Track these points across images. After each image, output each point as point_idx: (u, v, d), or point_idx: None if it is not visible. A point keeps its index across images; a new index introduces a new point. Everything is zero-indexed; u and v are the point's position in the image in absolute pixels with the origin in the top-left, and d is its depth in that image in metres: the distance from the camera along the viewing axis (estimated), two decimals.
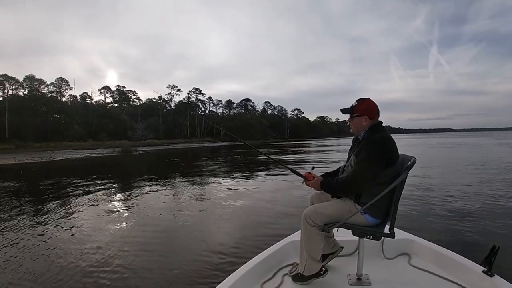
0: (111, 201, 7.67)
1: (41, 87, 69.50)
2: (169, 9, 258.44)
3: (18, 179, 12.57)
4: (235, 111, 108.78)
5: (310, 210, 2.12)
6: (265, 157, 19.98)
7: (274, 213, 6.11)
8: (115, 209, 6.81)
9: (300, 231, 2.19)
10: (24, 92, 67.41)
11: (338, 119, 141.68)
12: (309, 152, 28.27)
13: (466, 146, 28.26)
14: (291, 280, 2.21)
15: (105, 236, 4.88)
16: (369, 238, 2.02)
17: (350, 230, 2.07)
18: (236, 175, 12.53)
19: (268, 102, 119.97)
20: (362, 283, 2.13)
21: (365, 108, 2.12)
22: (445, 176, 10.15)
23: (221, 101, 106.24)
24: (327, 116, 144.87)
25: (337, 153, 24.42)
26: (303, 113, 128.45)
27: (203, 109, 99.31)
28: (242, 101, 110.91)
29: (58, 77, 73.66)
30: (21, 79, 66.66)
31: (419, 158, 1.99)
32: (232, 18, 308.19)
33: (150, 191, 8.96)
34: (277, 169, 13.37)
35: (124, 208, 6.92)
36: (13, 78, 65.43)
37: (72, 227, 5.43)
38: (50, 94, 70.83)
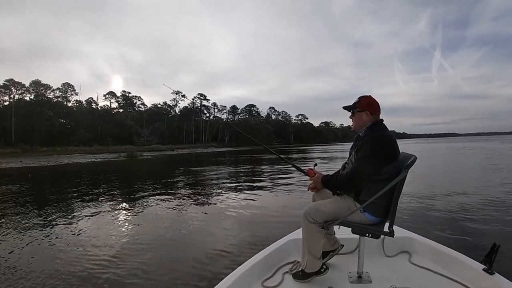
0: (117, 205, 7.70)
1: (47, 92, 70.43)
2: (174, 14, 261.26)
3: (26, 183, 12.68)
4: (239, 117, 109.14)
5: (310, 207, 2.14)
6: (270, 159, 20.13)
7: (278, 212, 6.13)
8: (121, 212, 6.84)
9: (301, 228, 2.20)
10: (30, 97, 68.34)
11: (343, 125, 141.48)
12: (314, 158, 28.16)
13: (482, 151, 27.68)
14: (291, 278, 2.22)
15: (111, 237, 4.91)
16: (368, 236, 2.03)
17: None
18: (242, 177, 12.56)
19: (273, 108, 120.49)
20: (363, 281, 2.13)
21: (366, 103, 2.15)
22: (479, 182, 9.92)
23: (225, 106, 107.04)
24: (331, 121, 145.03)
25: (343, 160, 24.31)
26: (307, 118, 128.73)
27: (207, 115, 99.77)
28: (246, 106, 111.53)
29: (64, 82, 74.93)
30: (27, 84, 67.68)
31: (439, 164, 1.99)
32: (236, 23, 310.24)
33: (155, 195, 8.97)
34: (282, 170, 13.38)
35: (130, 211, 6.96)
36: (19, 83, 66.49)
37: (79, 229, 5.46)
38: (56, 99, 71.68)
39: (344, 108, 2.27)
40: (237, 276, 2.07)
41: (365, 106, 2.14)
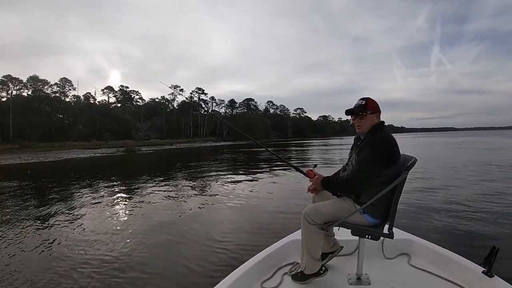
0: (117, 200, 7.73)
1: (45, 87, 70.00)
2: (172, 9, 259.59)
3: (26, 179, 12.62)
4: (237, 111, 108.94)
5: (310, 208, 2.13)
6: (268, 155, 20.13)
7: (277, 210, 6.14)
8: (121, 208, 6.86)
9: (300, 230, 2.20)
10: (28, 93, 67.93)
11: (341, 118, 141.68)
12: (312, 151, 28.16)
13: (482, 145, 27.50)
14: (290, 279, 2.22)
15: (111, 235, 4.91)
16: (368, 238, 2.03)
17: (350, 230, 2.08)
18: (240, 173, 12.58)
19: (271, 102, 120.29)
20: (362, 283, 2.13)
21: (375, 106, 2.12)
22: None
23: (223, 100, 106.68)
24: (329, 116, 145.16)
25: (341, 151, 24.29)
26: (305, 112, 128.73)
27: (206, 109, 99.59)
28: (244, 100, 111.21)
29: (61, 77, 74.38)
30: (25, 80, 67.26)
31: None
32: (235, 18, 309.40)
33: (154, 190, 8.98)
34: (281, 167, 13.39)
35: (130, 207, 6.95)
36: (17, 79, 66.00)
37: (80, 226, 5.47)
38: (53, 95, 71.26)
39: (351, 111, 2.16)
40: (237, 276, 2.07)
41: (375, 108, 2.11)
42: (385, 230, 2.03)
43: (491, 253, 1.98)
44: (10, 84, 65.49)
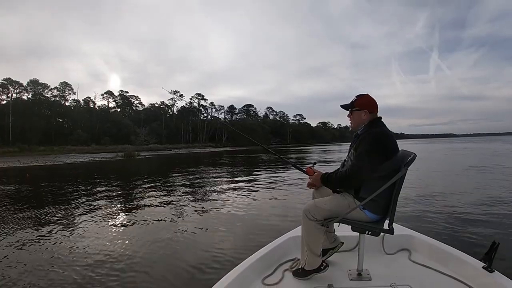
0: (115, 204, 7.69)
1: (45, 91, 70.19)
2: (172, 13, 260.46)
3: (25, 183, 12.57)
4: (237, 117, 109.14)
5: (310, 205, 2.14)
6: (268, 159, 20.16)
7: (277, 209, 6.13)
8: (119, 214, 6.79)
9: (300, 226, 2.20)
10: (28, 96, 68.10)
11: (340, 125, 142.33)
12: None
13: (485, 151, 27.41)
14: (291, 275, 2.22)
15: (109, 238, 4.90)
16: (368, 233, 2.04)
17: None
18: (240, 175, 12.54)
19: (270, 108, 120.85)
20: (363, 279, 2.14)
21: (364, 103, 2.15)
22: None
23: (223, 106, 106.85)
24: (328, 122, 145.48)
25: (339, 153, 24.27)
26: (304, 118, 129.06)
27: (205, 114, 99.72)
28: (244, 106, 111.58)
29: (61, 81, 74.76)
30: (25, 83, 67.45)
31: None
32: (235, 23, 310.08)
33: (153, 194, 8.98)
34: (280, 169, 13.38)
35: (128, 211, 6.90)
36: (17, 82, 66.24)
37: (77, 232, 5.42)
38: (53, 98, 71.41)
39: (342, 106, 2.27)
40: (238, 273, 2.07)
41: (364, 105, 2.15)
42: (385, 226, 2.04)
43: (491, 248, 1.98)
44: (10, 87, 65.68)
